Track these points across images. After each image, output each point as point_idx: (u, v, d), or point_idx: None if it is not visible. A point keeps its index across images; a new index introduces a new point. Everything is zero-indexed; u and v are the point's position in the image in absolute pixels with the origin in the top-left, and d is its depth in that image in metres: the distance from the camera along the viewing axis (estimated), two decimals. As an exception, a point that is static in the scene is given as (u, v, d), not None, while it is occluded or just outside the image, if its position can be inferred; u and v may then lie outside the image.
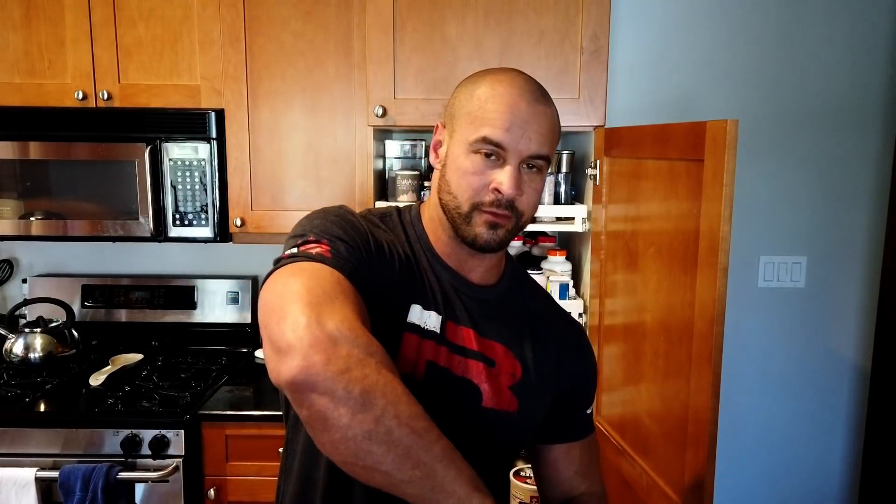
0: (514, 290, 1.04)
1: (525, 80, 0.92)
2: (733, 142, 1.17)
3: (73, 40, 1.94)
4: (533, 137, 0.89)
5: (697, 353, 1.29)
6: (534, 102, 0.89)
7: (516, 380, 0.98)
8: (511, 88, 0.90)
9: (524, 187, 0.90)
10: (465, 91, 0.94)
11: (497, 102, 0.89)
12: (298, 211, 1.96)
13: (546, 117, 0.91)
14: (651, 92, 2.15)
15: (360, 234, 0.87)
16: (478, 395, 0.95)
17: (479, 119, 0.89)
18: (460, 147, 0.91)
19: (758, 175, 2.14)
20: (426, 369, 0.92)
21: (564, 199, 1.98)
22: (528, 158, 0.89)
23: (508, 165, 0.89)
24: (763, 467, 2.27)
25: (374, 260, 0.87)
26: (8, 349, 2.05)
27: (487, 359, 0.96)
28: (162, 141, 1.93)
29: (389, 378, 0.70)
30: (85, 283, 2.29)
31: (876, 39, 2.10)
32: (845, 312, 2.21)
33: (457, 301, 0.97)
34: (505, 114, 0.88)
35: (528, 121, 0.88)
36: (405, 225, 1.01)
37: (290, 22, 1.90)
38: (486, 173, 0.89)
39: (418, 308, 0.93)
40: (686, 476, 1.34)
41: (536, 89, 0.91)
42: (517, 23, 1.82)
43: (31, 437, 1.76)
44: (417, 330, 0.92)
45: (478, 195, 0.90)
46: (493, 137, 0.88)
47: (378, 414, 0.68)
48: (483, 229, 0.91)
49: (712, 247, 1.22)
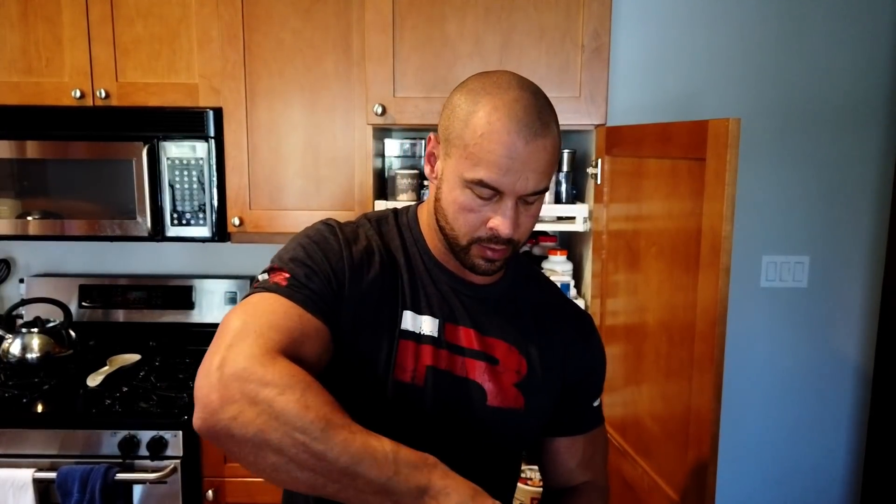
0: (518, 286, 1.04)
1: (524, 108, 0.85)
2: (735, 141, 1.17)
3: (70, 38, 1.92)
4: (531, 177, 0.85)
5: (699, 354, 1.28)
6: (533, 139, 0.84)
7: (521, 377, 0.97)
8: (509, 123, 0.84)
9: (521, 220, 0.89)
10: (461, 111, 0.88)
11: (494, 142, 0.84)
12: (297, 210, 1.96)
13: (546, 152, 0.86)
14: (652, 90, 2.14)
15: (331, 253, 0.89)
16: (482, 395, 0.95)
17: (475, 157, 0.85)
18: (455, 178, 0.88)
19: (760, 174, 2.13)
20: (427, 374, 0.92)
21: (565, 199, 1.97)
22: (525, 196, 0.87)
23: (505, 205, 0.87)
24: (764, 468, 2.26)
25: (350, 277, 0.89)
26: (5, 349, 2.04)
27: (490, 357, 0.96)
28: (160, 140, 1.92)
29: (283, 403, 0.70)
30: (82, 283, 2.28)
31: (878, 38, 2.09)
32: (848, 312, 2.20)
33: (456, 302, 0.97)
34: (503, 157, 0.83)
35: (526, 161, 0.84)
36: (402, 228, 1.00)
37: (289, 20, 1.89)
38: (482, 211, 0.88)
39: (410, 314, 0.93)
40: (688, 477, 1.33)
41: (536, 119, 0.85)
42: (518, 20, 1.80)
43: (28, 437, 1.75)
44: (413, 336, 0.93)
45: (475, 231, 0.89)
46: (489, 182, 0.85)
47: (277, 447, 0.70)
48: (481, 261, 0.91)
49: (714, 246, 1.21)
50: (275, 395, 0.71)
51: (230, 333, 0.78)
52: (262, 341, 0.77)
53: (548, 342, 1.02)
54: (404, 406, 0.92)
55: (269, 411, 0.70)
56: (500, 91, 0.86)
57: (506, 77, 0.89)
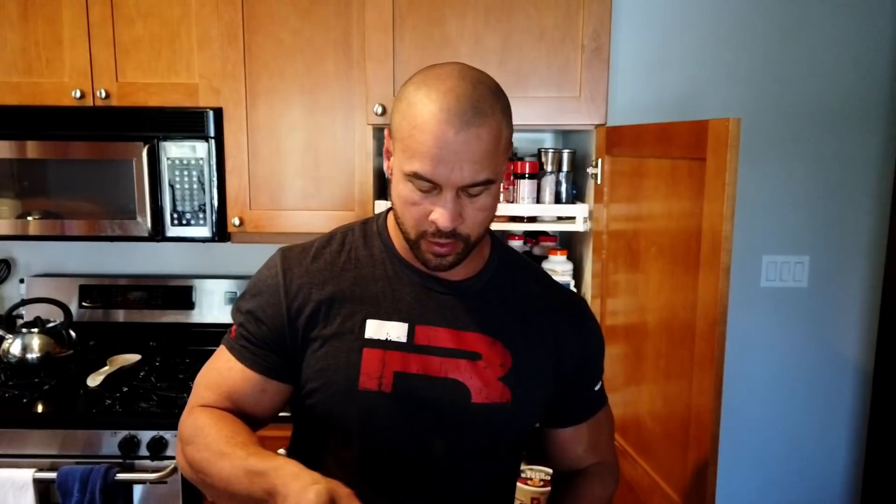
0: (501, 277, 1.02)
1: (457, 97, 0.83)
2: (735, 140, 1.16)
3: (70, 39, 1.92)
4: (465, 168, 0.84)
5: (699, 354, 1.28)
6: (464, 128, 0.82)
7: (507, 370, 0.96)
8: (439, 113, 0.82)
9: (465, 213, 0.88)
10: (402, 105, 0.88)
11: (424, 132, 0.83)
12: (297, 210, 1.96)
13: (479, 140, 0.83)
14: (652, 90, 2.14)
15: (271, 295, 0.96)
16: (466, 393, 0.94)
17: (410, 149, 0.85)
18: (399, 172, 0.89)
19: (760, 174, 2.13)
20: (395, 380, 0.92)
21: (565, 199, 1.97)
22: (463, 188, 0.86)
23: (444, 198, 0.86)
24: (765, 468, 2.26)
25: (295, 309, 0.95)
26: (5, 350, 2.04)
27: (472, 353, 0.95)
28: (160, 140, 1.92)
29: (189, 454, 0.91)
30: (82, 283, 2.28)
31: (878, 37, 2.09)
32: (848, 312, 2.20)
33: (430, 302, 0.97)
34: (433, 148, 0.83)
35: (457, 151, 0.83)
36: (369, 237, 1.01)
37: (289, 20, 1.89)
38: (424, 203, 0.87)
39: (375, 322, 0.94)
40: (688, 477, 1.33)
41: (469, 108, 0.83)
42: (518, 20, 1.80)
43: (28, 438, 1.75)
44: (379, 344, 0.93)
45: (420, 225, 0.89)
46: (422, 174, 0.84)
47: (200, 487, 0.92)
48: (430, 255, 0.91)
49: (714, 246, 1.21)
50: (183, 447, 0.93)
51: (194, 387, 1.01)
52: (194, 400, 0.98)
53: (536, 333, 1.00)
54: (376, 414, 0.93)
55: (181, 460, 0.94)
56: (438, 82, 0.86)
57: (448, 68, 0.88)
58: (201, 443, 0.89)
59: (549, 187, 1.95)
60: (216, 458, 0.86)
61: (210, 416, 0.93)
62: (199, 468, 0.89)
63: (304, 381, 0.95)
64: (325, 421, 0.96)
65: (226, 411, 0.95)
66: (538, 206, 1.93)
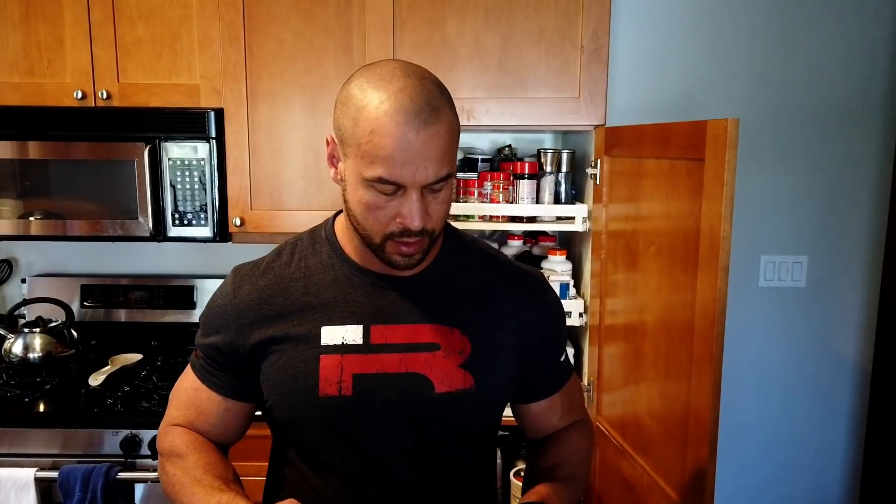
0: (453, 264, 1.03)
1: (411, 97, 0.84)
2: (734, 141, 1.17)
3: (72, 39, 1.93)
4: (430, 166, 0.85)
5: (698, 353, 1.29)
6: (423, 127, 0.83)
7: (466, 356, 0.97)
8: (397, 116, 0.82)
9: (430, 209, 0.89)
10: (350, 110, 0.86)
11: (385, 137, 0.83)
12: (298, 210, 1.97)
13: (440, 137, 0.84)
14: (651, 91, 2.14)
15: (222, 316, 0.99)
16: (429, 384, 0.95)
17: (370, 155, 0.84)
18: (356, 178, 0.88)
19: (758, 174, 2.14)
20: (354, 383, 0.93)
21: (565, 199, 1.98)
22: (429, 185, 0.86)
23: (410, 198, 0.86)
24: (763, 466, 2.27)
25: (247, 327, 0.97)
26: (7, 349, 2.04)
27: (430, 345, 0.96)
28: (161, 140, 1.92)
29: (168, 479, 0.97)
30: (84, 283, 2.29)
31: (877, 38, 2.09)
32: (846, 312, 2.20)
33: (384, 301, 0.97)
34: (396, 151, 0.83)
35: (421, 151, 0.83)
36: (318, 244, 1.02)
37: (290, 21, 1.90)
38: (388, 206, 0.87)
39: (330, 328, 0.95)
40: (687, 476, 1.34)
41: (425, 106, 0.84)
42: (517, 21, 1.81)
43: (30, 437, 1.75)
44: (336, 349, 0.94)
45: (385, 228, 0.89)
46: (388, 178, 0.84)
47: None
48: (397, 257, 0.92)
49: (713, 246, 1.22)
50: (163, 461, 1.00)
51: (168, 405, 1.06)
52: (167, 419, 1.04)
53: (496, 314, 1.01)
54: (340, 419, 0.94)
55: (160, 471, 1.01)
56: (385, 83, 0.85)
57: (389, 67, 0.88)
58: (180, 465, 0.96)
59: (548, 187, 1.95)
60: (192, 485, 0.93)
61: (189, 441, 0.99)
62: (173, 489, 0.95)
63: (266, 396, 0.97)
64: (292, 431, 0.98)
65: (200, 435, 1.02)
66: (537, 207, 1.94)
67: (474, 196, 1.95)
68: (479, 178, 1.95)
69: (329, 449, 0.97)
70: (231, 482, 0.94)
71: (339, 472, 0.97)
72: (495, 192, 1.93)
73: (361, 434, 0.95)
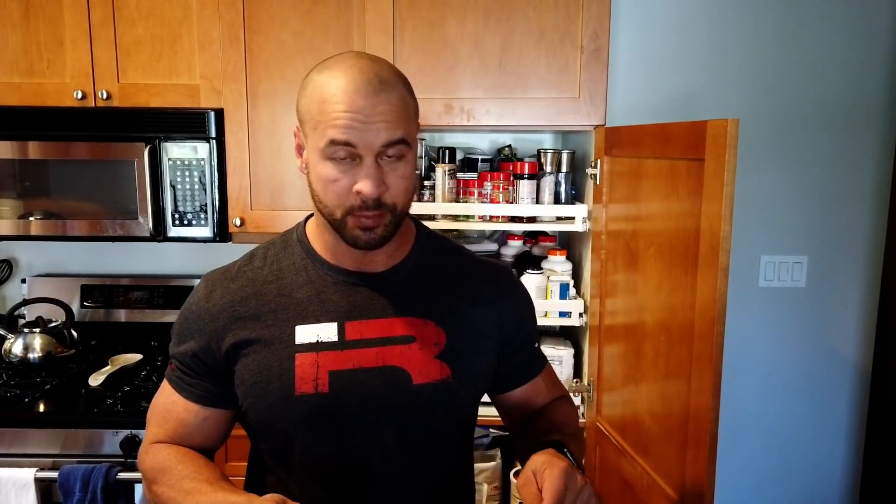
0: (426, 260, 1.04)
1: (361, 69, 0.88)
2: (734, 141, 1.17)
3: (72, 40, 1.93)
4: (381, 127, 0.87)
5: (698, 353, 1.29)
6: (373, 93, 0.86)
7: (442, 347, 0.98)
8: (347, 84, 0.87)
9: (388, 180, 0.89)
10: (306, 93, 0.91)
11: (335, 103, 0.86)
12: (298, 211, 1.97)
13: (390, 103, 0.88)
14: (651, 91, 2.15)
15: (196, 322, 0.99)
16: (406, 376, 0.96)
17: (323, 123, 0.87)
18: (315, 155, 0.90)
19: (758, 174, 2.14)
20: (330, 380, 0.94)
21: (565, 199, 1.98)
22: (382, 149, 0.88)
23: (364, 164, 0.88)
24: (763, 467, 2.27)
25: (220, 332, 0.97)
26: (7, 349, 2.04)
27: (406, 338, 0.97)
28: (161, 141, 1.92)
29: (157, 499, 0.95)
30: (84, 283, 2.29)
31: (876, 39, 2.09)
32: (846, 312, 2.20)
33: (358, 297, 0.98)
34: (345, 113, 0.86)
35: (370, 114, 0.86)
36: (290, 246, 1.03)
37: (290, 21, 1.90)
38: (345, 177, 0.89)
39: (304, 327, 0.96)
40: (686, 476, 1.34)
41: (375, 77, 0.88)
42: (517, 22, 1.81)
43: (30, 437, 1.76)
44: (311, 347, 0.95)
45: (345, 201, 0.90)
46: (338, 139, 0.86)
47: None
48: (359, 231, 0.92)
49: (713, 246, 1.22)
50: (148, 485, 0.98)
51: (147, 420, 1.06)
52: (147, 438, 1.03)
53: (470, 306, 1.03)
54: (317, 416, 0.94)
55: (148, 496, 0.98)
56: (338, 63, 0.90)
57: (348, 53, 0.93)
58: (166, 481, 0.94)
59: (548, 188, 1.95)
60: (183, 497, 0.90)
61: (171, 453, 0.97)
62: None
63: (241, 398, 0.97)
64: (270, 432, 0.98)
65: (182, 446, 1.00)
66: (537, 207, 1.94)
67: (474, 196, 1.95)
68: (479, 178, 1.95)
69: (308, 449, 0.96)
70: (221, 481, 0.92)
71: (317, 472, 0.97)
72: (495, 192, 1.93)
73: (340, 431, 0.95)
